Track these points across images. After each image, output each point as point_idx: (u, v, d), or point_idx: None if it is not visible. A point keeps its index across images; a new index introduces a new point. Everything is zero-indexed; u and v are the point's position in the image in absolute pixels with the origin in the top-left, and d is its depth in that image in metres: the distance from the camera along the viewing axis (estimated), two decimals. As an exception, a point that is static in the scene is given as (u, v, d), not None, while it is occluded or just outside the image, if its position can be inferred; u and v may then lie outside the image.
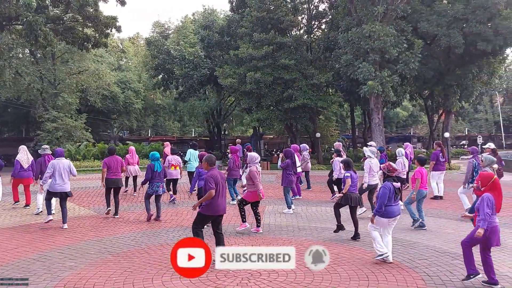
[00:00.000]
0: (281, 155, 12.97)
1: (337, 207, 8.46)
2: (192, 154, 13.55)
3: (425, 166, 9.15)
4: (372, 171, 10.16)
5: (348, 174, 8.26)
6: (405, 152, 14.75)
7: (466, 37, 22.02)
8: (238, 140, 17.48)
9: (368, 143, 15.35)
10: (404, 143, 15.89)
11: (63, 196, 9.26)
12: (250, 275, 6.03)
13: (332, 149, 14.53)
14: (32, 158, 11.77)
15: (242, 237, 8.27)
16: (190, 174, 13.35)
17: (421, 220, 8.92)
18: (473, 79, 25.65)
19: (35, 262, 6.75)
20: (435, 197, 12.48)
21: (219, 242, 6.75)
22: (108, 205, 10.41)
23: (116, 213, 10.41)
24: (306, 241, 7.93)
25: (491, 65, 25.61)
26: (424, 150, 34.51)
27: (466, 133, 57.00)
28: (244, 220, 8.74)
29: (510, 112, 53.76)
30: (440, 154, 12.54)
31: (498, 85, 42.16)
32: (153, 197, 10.11)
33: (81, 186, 15.37)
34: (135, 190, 13.85)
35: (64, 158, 9.55)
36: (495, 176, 5.88)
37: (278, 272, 6.16)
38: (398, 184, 6.70)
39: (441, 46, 23.16)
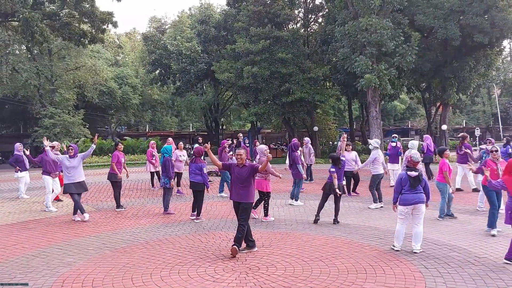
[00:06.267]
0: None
1: (324, 199, 9.01)
2: None
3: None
4: (377, 162, 10.72)
5: (333, 169, 8.83)
6: (425, 144, 15.01)
7: (462, 29, 22.01)
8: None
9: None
10: (424, 136, 16.70)
11: None
12: (248, 269, 6.06)
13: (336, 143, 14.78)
14: None
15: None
16: None
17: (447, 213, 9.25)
18: (470, 71, 25.66)
19: (34, 258, 6.76)
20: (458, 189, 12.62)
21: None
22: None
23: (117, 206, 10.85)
24: (304, 235, 7.97)
25: (488, 57, 25.60)
26: (422, 142, 34.52)
27: (464, 125, 57.08)
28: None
29: (508, 104, 53.78)
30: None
31: (496, 77, 42.08)
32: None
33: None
34: None
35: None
36: None
37: (276, 265, 6.20)
38: (413, 173, 6.83)
39: (438, 38, 23.16)
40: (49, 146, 10.51)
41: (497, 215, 7.89)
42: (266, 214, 9.32)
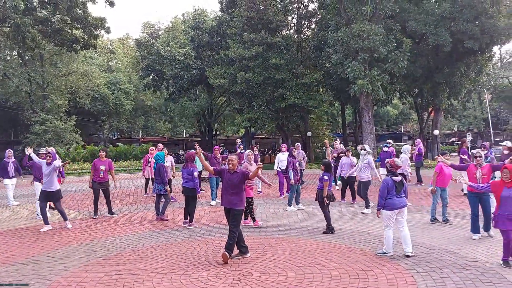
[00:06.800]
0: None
1: (325, 207, 8.64)
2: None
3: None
4: (367, 168, 10.84)
5: (326, 177, 8.64)
6: (418, 148, 15.13)
7: (453, 35, 22.24)
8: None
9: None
10: (416, 140, 17.07)
11: None
12: (241, 276, 6.04)
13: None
14: None
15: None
16: None
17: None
18: (461, 76, 25.91)
19: (24, 266, 6.68)
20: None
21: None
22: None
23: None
24: (297, 241, 7.96)
25: (478, 62, 25.87)
26: (415, 147, 34.68)
27: (456, 130, 57.56)
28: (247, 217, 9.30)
29: (498, 109, 54.33)
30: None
31: (486, 82, 42.55)
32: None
33: (71, 189, 15.28)
34: None
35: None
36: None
37: (269, 271, 6.19)
38: (398, 178, 6.91)
39: (429, 44, 23.36)
40: (43, 154, 10.51)
41: (480, 220, 7.97)
42: (253, 220, 9.25)
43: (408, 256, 6.74)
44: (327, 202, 8.57)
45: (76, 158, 26.49)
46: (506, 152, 11.11)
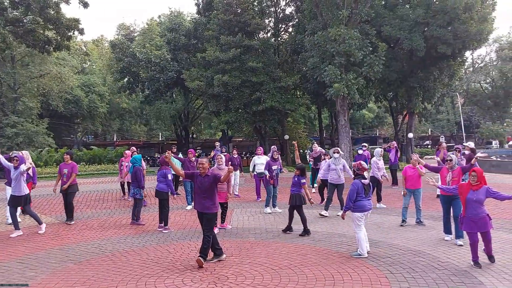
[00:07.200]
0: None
1: (293, 209, 8.80)
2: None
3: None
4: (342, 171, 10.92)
5: (304, 181, 8.76)
6: (396, 149, 15.51)
7: (427, 40, 22.77)
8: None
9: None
10: (391, 142, 17.37)
11: None
12: (217, 279, 6.00)
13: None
14: None
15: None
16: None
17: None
18: (434, 81, 26.55)
19: (-8, 273, 6.47)
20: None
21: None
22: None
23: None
24: (273, 243, 7.96)
25: (451, 67, 26.58)
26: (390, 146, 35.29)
27: (430, 133, 58.92)
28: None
29: (471, 113, 55.92)
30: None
31: (459, 86, 43.78)
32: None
33: (43, 193, 14.90)
34: None
35: None
36: None
37: (245, 274, 6.16)
38: (366, 181, 7.14)
39: (403, 49, 23.90)
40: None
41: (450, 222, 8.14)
42: (222, 220, 9.28)
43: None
44: (312, 202, 8.76)
45: (49, 162, 25.85)
46: (467, 152, 11.38)
